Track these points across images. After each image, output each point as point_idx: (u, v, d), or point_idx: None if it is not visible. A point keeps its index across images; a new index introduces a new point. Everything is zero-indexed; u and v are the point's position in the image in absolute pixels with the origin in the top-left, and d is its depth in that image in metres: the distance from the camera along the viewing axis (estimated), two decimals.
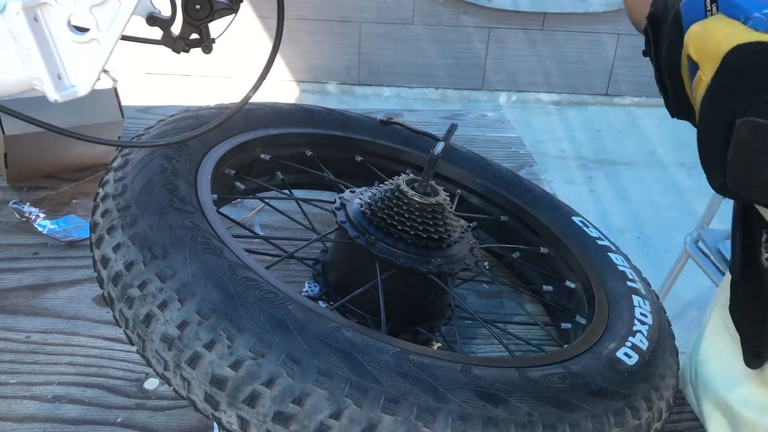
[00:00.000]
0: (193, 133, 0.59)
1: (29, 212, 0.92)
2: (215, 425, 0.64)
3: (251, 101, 0.57)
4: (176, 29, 0.54)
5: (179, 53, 0.55)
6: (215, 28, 0.55)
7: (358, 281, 0.67)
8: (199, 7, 0.53)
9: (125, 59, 3.58)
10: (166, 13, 0.54)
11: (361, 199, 0.72)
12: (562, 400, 0.51)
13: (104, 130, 0.98)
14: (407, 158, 0.93)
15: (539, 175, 1.13)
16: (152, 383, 0.69)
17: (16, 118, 0.50)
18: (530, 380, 0.52)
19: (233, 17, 0.55)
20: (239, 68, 3.71)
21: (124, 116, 1.01)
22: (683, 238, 1.80)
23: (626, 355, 0.59)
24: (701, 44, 0.47)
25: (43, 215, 0.92)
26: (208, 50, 0.55)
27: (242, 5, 0.55)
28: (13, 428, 0.63)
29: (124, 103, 1.02)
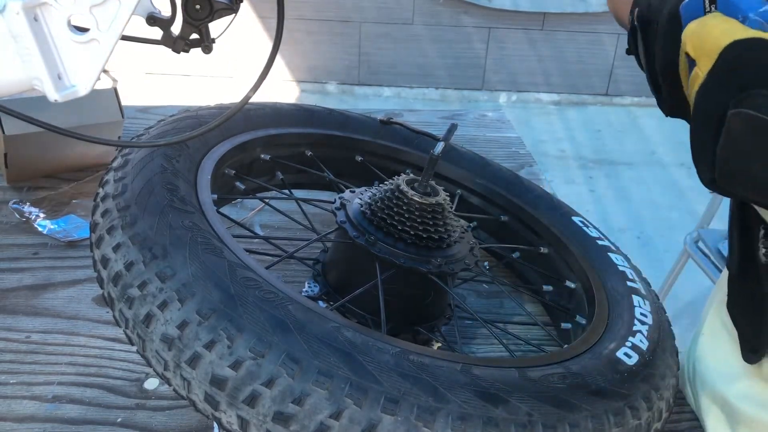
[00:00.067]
0: (193, 133, 0.59)
1: (29, 212, 0.92)
2: (215, 425, 0.64)
3: (251, 101, 0.57)
4: (176, 29, 0.54)
5: (179, 53, 0.55)
6: (215, 28, 0.55)
7: (358, 281, 0.67)
8: (199, 7, 0.53)
9: (125, 59, 3.58)
10: (166, 13, 0.54)
11: (361, 199, 0.72)
12: (562, 400, 0.51)
13: (104, 130, 0.98)
14: (407, 158, 0.93)
15: (539, 175, 1.13)
16: (152, 383, 0.69)
17: (16, 118, 0.50)
18: (530, 380, 0.52)
19: (233, 17, 0.55)
20: (239, 68, 3.71)
21: (124, 116, 1.01)
22: (683, 238, 1.80)
23: (626, 355, 0.59)
24: (698, 41, 0.48)
25: (43, 215, 0.92)
26: (208, 50, 0.55)
27: (242, 5, 0.55)
28: (13, 428, 0.63)
29: (124, 103, 1.02)
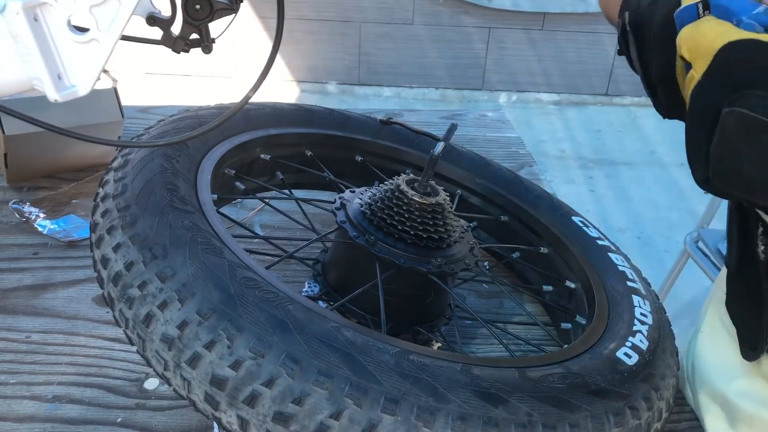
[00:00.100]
0: (193, 133, 0.59)
1: (29, 212, 0.92)
2: (215, 425, 0.64)
3: (251, 101, 0.57)
4: (176, 29, 0.54)
5: (179, 53, 0.55)
6: (215, 28, 0.55)
7: (358, 281, 0.67)
8: (199, 7, 0.53)
9: (125, 59, 3.58)
10: (166, 13, 0.54)
11: (361, 199, 0.72)
12: (562, 400, 0.51)
13: (104, 130, 0.98)
14: (407, 158, 0.93)
15: (539, 175, 1.13)
16: (152, 383, 0.69)
17: (16, 118, 0.50)
18: (530, 380, 0.52)
19: (233, 17, 0.55)
20: (239, 68, 3.71)
21: (124, 116, 1.01)
22: (683, 238, 1.80)
23: (626, 355, 0.59)
24: (694, 44, 0.48)
25: (43, 215, 0.92)
26: (208, 50, 0.55)
27: (242, 5, 0.55)
28: (13, 428, 0.63)
29: (124, 103, 1.02)
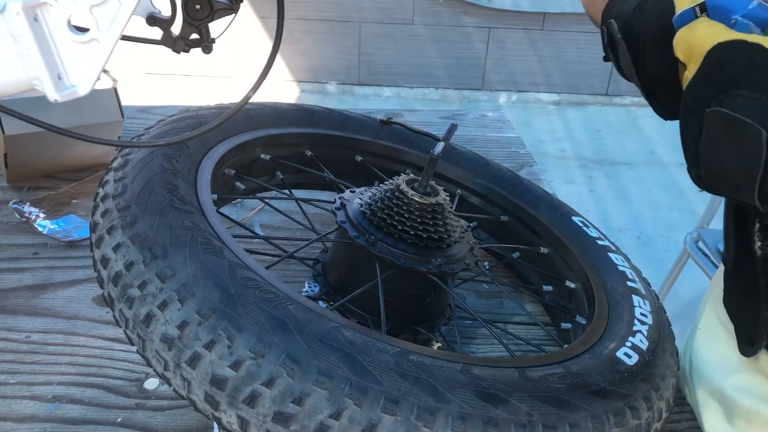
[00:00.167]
0: (193, 133, 0.59)
1: (29, 212, 0.92)
2: (215, 425, 0.64)
3: (251, 101, 0.57)
4: (176, 29, 0.54)
5: (179, 53, 0.55)
6: (215, 28, 0.55)
7: (358, 281, 0.67)
8: (199, 7, 0.53)
9: (125, 59, 3.58)
10: (166, 13, 0.54)
11: (361, 199, 0.72)
12: (562, 400, 0.51)
13: (104, 130, 0.98)
14: (407, 158, 0.93)
15: (539, 175, 1.13)
16: (152, 383, 0.69)
17: (16, 118, 0.50)
18: (530, 380, 0.52)
19: (233, 17, 0.55)
20: (239, 68, 3.71)
21: (124, 116, 1.01)
22: (683, 238, 1.80)
23: (626, 355, 0.59)
24: (687, 45, 0.50)
25: (43, 215, 0.92)
26: (208, 50, 0.55)
27: (242, 5, 0.55)
28: (13, 428, 0.63)
29: (124, 103, 1.02)
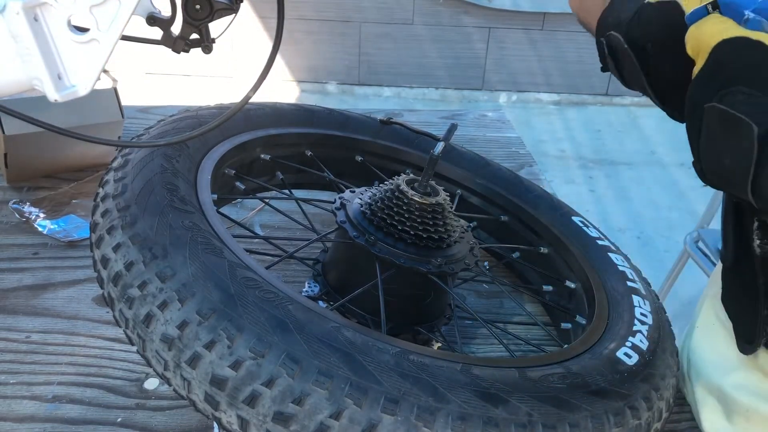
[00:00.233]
0: (193, 133, 0.59)
1: (29, 212, 0.92)
2: (215, 425, 0.64)
3: (251, 101, 0.57)
4: (176, 29, 0.54)
5: (179, 53, 0.55)
6: (215, 28, 0.55)
7: (358, 281, 0.67)
8: (199, 7, 0.53)
9: (125, 59, 3.58)
10: (166, 13, 0.54)
11: (361, 199, 0.72)
12: (562, 400, 0.51)
13: (104, 130, 0.98)
14: (407, 158, 0.93)
15: (539, 175, 1.13)
16: (152, 383, 0.69)
17: (16, 118, 0.50)
18: (530, 380, 0.52)
19: (233, 17, 0.55)
20: (239, 68, 3.71)
21: (124, 116, 1.01)
22: (683, 238, 1.80)
23: (626, 355, 0.59)
24: (695, 42, 0.50)
25: (43, 215, 0.92)
26: (208, 50, 0.55)
27: (242, 5, 0.55)
28: (13, 428, 0.63)
29: (124, 103, 1.02)
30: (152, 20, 0.53)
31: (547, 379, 0.53)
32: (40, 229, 0.90)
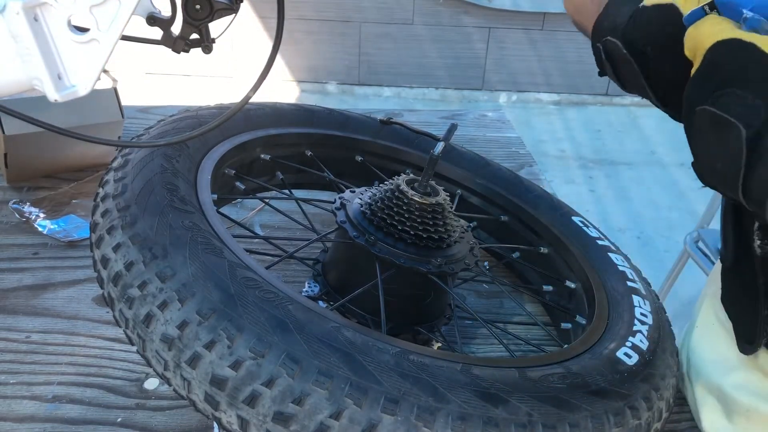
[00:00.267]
0: (193, 133, 0.59)
1: (29, 212, 0.92)
2: (215, 425, 0.64)
3: (251, 101, 0.57)
4: (176, 29, 0.54)
5: (179, 53, 0.55)
6: (215, 28, 0.55)
7: (358, 281, 0.67)
8: (199, 7, 0.53)
9: (125, 59, 3.58)
10: (166, 13, 0.54)
11: (361, 199, 0.72)
12: (562, 400, 0.51)
13: (104, 130, 0.98)
14: (407, 158, 0.93)
15: (539, 175, 1.13)
16: (152, 383, 0.69)
17: (16, 118, 0.50)
18: (530, 380, 0.52)
19: (233, 17, 0.55)
20: (239, 68, 3.71)
21: (124, 116, 1.01)
22: (683, 238, 1.80)
23: (626, 355, 0.59)
24: (693, 43, 0.50)
25: (43, 215, 0.92)
26: (208, 50, 0.55)
27: (242, 5, 0.55)
28: (13, 428, 0.63)
29: (124, 103, 1.02)
30: (152, 20, 0.53)
31: (547, 379, 0.53)
32: (40, 229, 0.90)
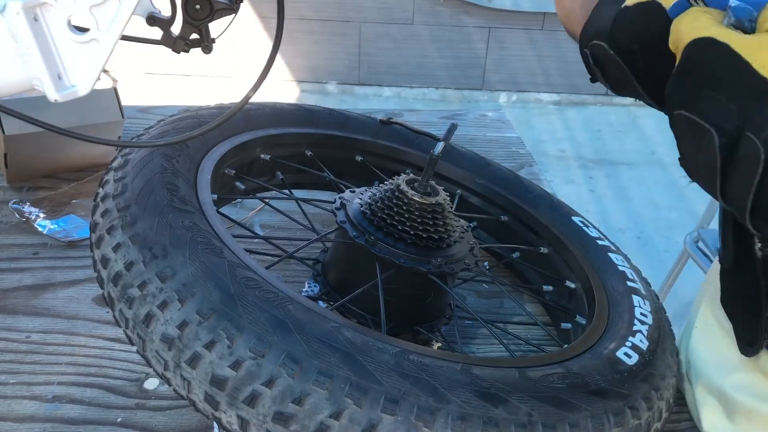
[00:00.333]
0: (193, 133, 0.59)
1: (29, 212, 0.92)
2: (215, 425, 0.64)
3: (251, 101, 0.57)
4: (176, 29, 0.54)
5: (179, 53, 0.55)
6: (215, 28, 0.55)
7: (358, 281, 0.67)
8: (199, 7, 0.53)
9: (125, 59, 3.58)
10: (166, 13, 0.54)
11: (361, 199, 0.72)
12: (562, 400, 0.51)
13: (104, 130, 0.98)
14: (407, 158, 0.93)
15: (539, 175, 1.13)
16: (152, 383, 0.69)
17: (16, 118, 0.50)
18: (530, 380, 0.52)
19: (233, 17, 0.55)
20: (239, 68, 3.71)
21: (124, 116, 1.01)
22: (683, 238, 1.80)
23: (626, 355, 0.59)
24: (674, 37, 0.48)
25: (43, 215, 0.92)
26: (208, 50, 0.55)
27: (242, 5, 0.55)
28: (13, 428, 0.63)
29: (124, 103, 1.02)
30: (152, 20, 0.53)
31: (547, 379, 0.53)
32: (40, 229, 0.90)
